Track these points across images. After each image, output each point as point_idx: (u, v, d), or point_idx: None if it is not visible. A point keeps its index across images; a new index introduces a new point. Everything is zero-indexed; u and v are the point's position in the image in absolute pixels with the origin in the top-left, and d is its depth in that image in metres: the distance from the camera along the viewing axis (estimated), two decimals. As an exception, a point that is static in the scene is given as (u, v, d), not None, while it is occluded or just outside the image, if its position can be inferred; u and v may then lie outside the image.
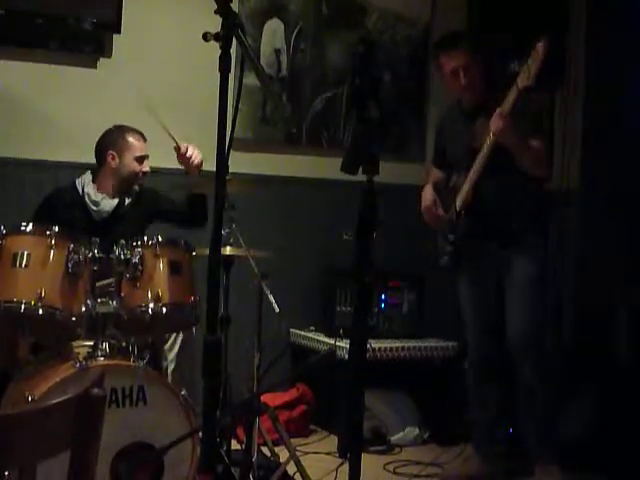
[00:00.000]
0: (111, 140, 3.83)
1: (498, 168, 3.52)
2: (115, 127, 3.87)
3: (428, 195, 3.85)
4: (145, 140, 3.86)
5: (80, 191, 3.81)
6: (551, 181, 3.99)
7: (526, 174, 3.57)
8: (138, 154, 3.82)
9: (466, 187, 3.65)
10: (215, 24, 2.19)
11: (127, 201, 3.87)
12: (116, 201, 3.83)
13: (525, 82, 3.31)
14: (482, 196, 3.63)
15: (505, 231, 3.67)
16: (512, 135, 3.45)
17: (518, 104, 3.39)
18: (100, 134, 3.88)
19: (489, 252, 3.71)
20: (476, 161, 3.58)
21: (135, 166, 3.82)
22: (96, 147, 3.86)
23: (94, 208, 3.80)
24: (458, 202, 3.70)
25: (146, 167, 3.84)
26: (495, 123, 3.43)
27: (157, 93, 4.56)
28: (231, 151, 2.18)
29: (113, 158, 3.80)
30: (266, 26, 4.81)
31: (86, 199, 3.80)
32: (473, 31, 4.05)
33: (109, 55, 4.47)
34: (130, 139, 3.82)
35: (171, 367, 3.73)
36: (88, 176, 3.85)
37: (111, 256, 3.24)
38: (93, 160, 3.88)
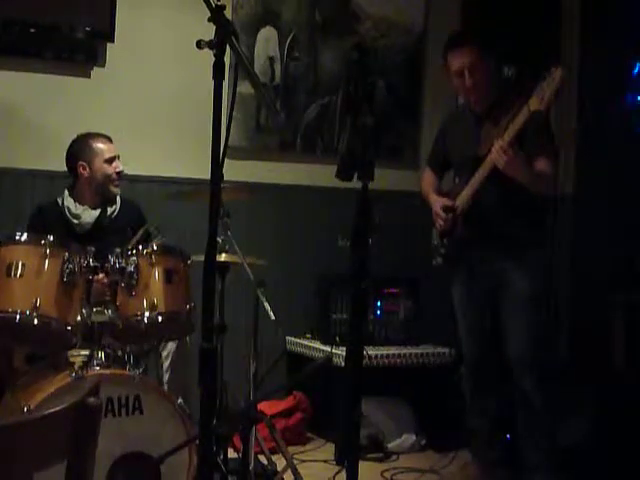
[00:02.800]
0: (77, 151, 3.81)
1: (500, 177, 3.45)
2: (78, 137, 3.85)
3: (437, 198, 3.75)
4: (111, 141, 3.84)
5: (60, 205, 3.81)
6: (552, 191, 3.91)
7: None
8: (107, 156, 3.80)
9: (466, 193, 3.61)
10: (209, 32, 2.19)
11: (110, 211, 3.84)
12: (98, 212, 3.81)
13: (537, 106, 3.24)
14: (482, 203, 3.58)
15: (503, 240, 3.61)
16: (516, 167, 3.39)
17: (524, 127, 3.32)
18: None
19: (485, 260, 3.67)
20: (478, 170, 3.51)
21: (107, 168, 3.79)
22: (66, 162, 3.84)
23: (75, 221, 3.78)
24: (456, 206, 3.67)
25: (119, 167, 3.83)
26: (498, 159, 3.36)
27: (151, 102, 4.57)
28: (225, 159, 2.18)
29: (84, 168, 3.78)
30: (260, 34, 4.81)
31: (66, 213, 3.79)
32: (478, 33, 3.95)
33: (102, 64, 4.47)
34: (95, 145, 3.80)
35: (166, 363, 3.70)
36: (66, 191, 3.84)
37: (106, 265, 3.23)
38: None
